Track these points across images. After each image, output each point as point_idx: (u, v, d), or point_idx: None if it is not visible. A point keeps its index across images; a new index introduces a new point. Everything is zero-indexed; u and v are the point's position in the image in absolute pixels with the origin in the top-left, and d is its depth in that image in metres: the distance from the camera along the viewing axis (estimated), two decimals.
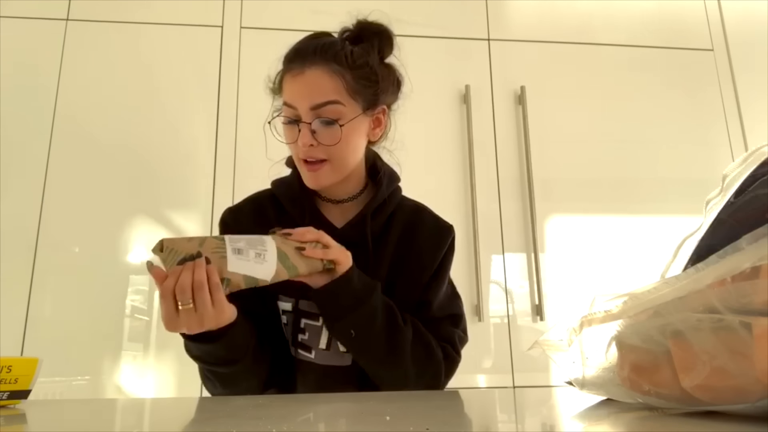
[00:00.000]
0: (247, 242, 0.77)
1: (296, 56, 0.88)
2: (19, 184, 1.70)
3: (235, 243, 0.76)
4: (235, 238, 0.77)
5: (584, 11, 2.07)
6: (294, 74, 0.87)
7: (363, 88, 0.89)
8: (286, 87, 0.88)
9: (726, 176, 0.43)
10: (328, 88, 0.86)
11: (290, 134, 0.88)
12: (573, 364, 0.46)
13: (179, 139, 1.79)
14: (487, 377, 1.73)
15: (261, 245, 0.77)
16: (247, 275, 0.74)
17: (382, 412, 0.46)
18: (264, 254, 0.77)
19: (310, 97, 0.85)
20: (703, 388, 0.31)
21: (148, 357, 1.62)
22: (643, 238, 1.86)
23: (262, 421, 0.42)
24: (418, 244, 0.95)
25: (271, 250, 0.78)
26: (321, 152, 0.87)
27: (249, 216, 0.96)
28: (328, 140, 0.86)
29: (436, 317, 0.92)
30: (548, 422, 0.40)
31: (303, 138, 0.85)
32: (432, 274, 0.94)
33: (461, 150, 1.87)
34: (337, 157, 0.88)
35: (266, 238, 0.79)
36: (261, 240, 0.78)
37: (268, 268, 0.76)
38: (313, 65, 0.86)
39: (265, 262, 0.76)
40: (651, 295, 0.36)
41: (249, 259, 0.76)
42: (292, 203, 0.95)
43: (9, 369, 0.54)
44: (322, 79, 0.86)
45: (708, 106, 2.03)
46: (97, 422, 0.46)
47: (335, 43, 0.89)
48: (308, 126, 0.85)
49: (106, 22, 1.85)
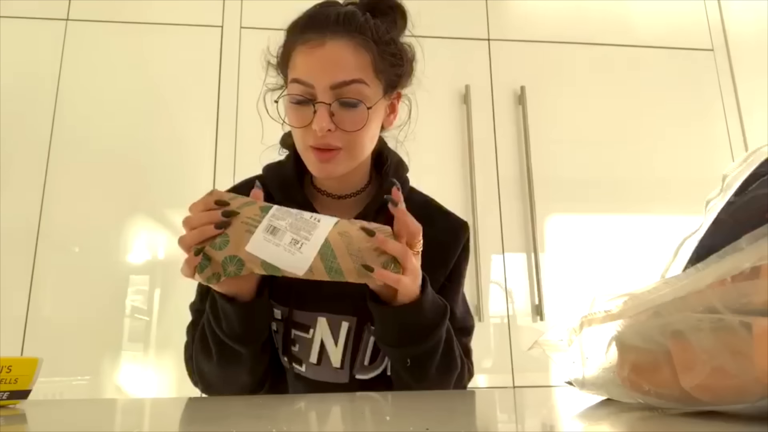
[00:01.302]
0: (291, 223, 0.66)
1: (313, 25, 0.75)
2: (19, 184, 1.70)
3: (276, 220, 0.66)
4: (284, 213, 0.67)
5: (584, 11, 2.07)
6: (312, 46, 0.73)
7: (388, 68, 0.78)
8: (300, 60, 0.75)
9: (726, 176, 0.43)
10: (352, 64, 0.73)
11: (301, 117, 0.75)
12: (573, 364, 0.46)
13: (179, 139, 1.79)
14: (487, 377, 1.73)
15: (307, 231, 0.66)
16: (268, 262, 0.64)
17: (382, 412, 0.46)
18: (303, 243, 0.65)
19: (331, 74, 0.72)
20: (703, 388, 0.31)
21: (148, 357, 1.62)
22: (643, 238, 1.86)
23: (262, 421, 0.42)
24: (429, 243, 0.78)
25: (315, 240, 0.65)
26: (337, 139, 0.74)
27: None
28: (349, 125, 0.74)
29: (455, 328, 0.82)
30: (548, 422, 0.41)
31: (320, 121, 0.72)
32: (447, 275, 0.84)
33: (461, 150, 1.87)
34: (354, 145, 0.76)
35: (324, 224, 0.66)
36: (313, 225, 0.66)
37: (301, 261, 0.64)
38: (335, 36, 0.73)
39: (299, 252, 0.64)
40: (651, 295, 0.36)
41: (279, 244, 0.65)
42: (283, 195, 0.82)
43: (9, 369, 0.54)
44: (346, 54, 0.73)
45: (708, 106, 2.03)
46: (97, 422, 0.46)
47: (357, 13, 0.76)
48: (327, 107, 0.73)
49: (106, 22, 1.85)
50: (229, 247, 0.65)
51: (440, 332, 0.73)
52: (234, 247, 0.65)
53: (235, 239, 0.65)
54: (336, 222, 0.67)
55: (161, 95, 1.81)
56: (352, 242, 0.66)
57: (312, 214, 0.68)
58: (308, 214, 0.68)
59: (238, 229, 0.65)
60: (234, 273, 0.65)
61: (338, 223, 0.67)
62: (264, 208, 0.67)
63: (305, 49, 0.74)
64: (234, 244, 0.65)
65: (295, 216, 0.67)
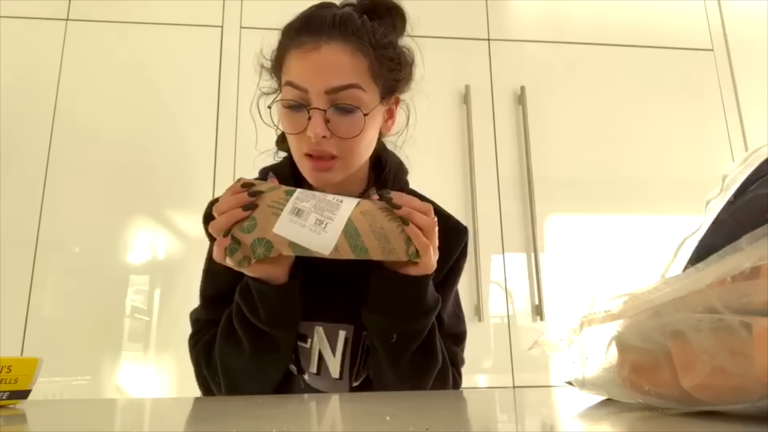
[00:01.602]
0: (315, 204, 0.68)
1: (308, 28, 0.73)
2: (19, 183, 1.70)
3: (301, 202, 0.68)
4: (307, 195, 0.69)
5: (584, 11, 2.07)
6: (306, 50, 0.71)
7: (385, 72, 0.76)
8: (294, 64, 0.73)
9: (726, 176, 0.43)
10: (348, 69, 0.72)
11: (295, 123, 0.73)
12: (573, 364, 0.46)
13: (179, 139, 1.79)
14: (487, 377, 1.73)
15: (330, 212, 0.67)
16: (295, 243, 0.66)
17: (382, 412, 0.46)
18: (327, 223, 0.67)
19: (326, 79, 0.71)
20: (703, 388, 0.31)
21: (148, 357, 1.62)
22: (643, 238, 1.86)
23: (262, 421, 0.42)
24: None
25: (339, 220, 0.67)
26: (332, 146, 0.72)
27: None
28: (344, 132, 0.72)
29: (444, 334, 0.82)
30: (548, 422, 0.41)
31: (315, 127, 0.70)
32: (441, 279, 0.82)
33: (461, 150, 1.87)
34: (350, 153, 0.74)
35: (346, 205, 0.68)
36: (336, 206, 0.68)
37: (327, 241, 0.66)
38: (331, 40, 0.71)
39: (323, 232, 0.66)
40: (651, 295, 0.36)
41: (305, 225, 0.66)
42: None
43: (9, 369, 0.54)
44: (343, 58, 0.72)
45: (708, 106, 2.03)
46: (97, 422, 0.46)
47: (354, 16, 0.74)
48: (322, 113, 0.71)
49: (106, 22, 1.85)
50: (257, 230, 0.66)
51: (430, 319, 0.74)
52: (261, 230, 0.66)
53: (262, 222, 0.66)
54: (358, 202, 0.69)
55: (161, 95, 1.81)
56: (375, 220, 0.67)
57: (335, 196, 0.70)
58: (331, 195, 0.70)
59: (265, 212, 0.67)
60: (263, 255, 0.66)
61: (360, 204, 0.69)
62: (289, 191, 0.69)
63: (300, 53, 0.72)
64: (261, 227, 0.66)
65: (319, 198, 0.68)
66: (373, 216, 0.68)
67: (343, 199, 0.69)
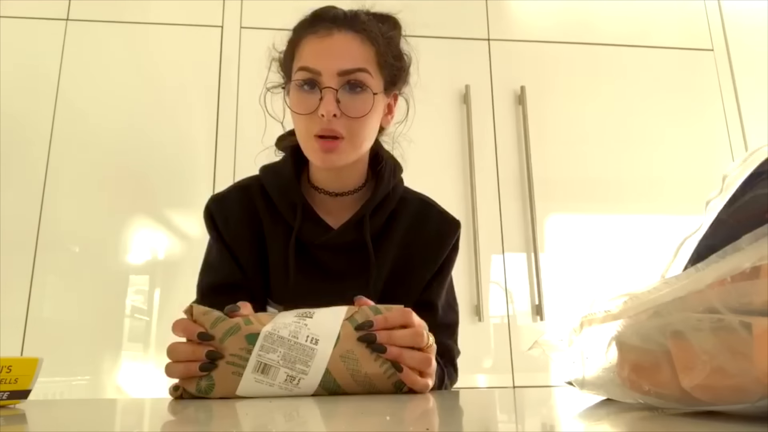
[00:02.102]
0: (285, 354, 0.58)
1: (322, 19, 0.79)
2: (19, 183, 1.70)
3: (267, 353, 0.58)
4: (274, 340, 0.58)
5: (584, 11, 2.07)
6: (321, 36, 0.78)
7: (389, 64, 0.82)
8: (308, 49, 0.78)
9: (726, 176, 0.43)
10: (359, 54, 0.78)
11: (307, 103, 0.77)
12: (573, 364, 0.46)
13: (179, 139, 1.79)
14: (487, 377, 1.73)
15: (303, 363, 0.58)
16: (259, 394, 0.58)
17: (382, 412, 0.46)
18: (300, 379, 0.58)
19: (339, 61, 0.76)
20: (703, 388, 0.31)
21: (148, 357, 1.62)
22: (643, 238, 1.86)
23: (261, 421, 0.42)
24: (423, 241, 0.86)
25: (315, 372, 0.58)
26: (342, 126, 0.76)
27: (235, 205, 0.86)
28: (354, 111, 0.76)
29: (438, 325, 0.83)
30: (548, 422, 0.41)
31: (327, 105, 0.74)
32: (435, 271, 0.87)
33: (461, 150, 1.87)
34: (357, 133, 0.78)
35: (322, 350, 0.58)
36: (310, 353, 0.58)
37: (300, 392, 0.58)
38: (343, 29, 0.78)
39: (296, 388, 0.58)
40: (651, 295, 0.36)
41: (273, 384, 0.57)
42: (281, 196, 0.84)
43: (9, 369, 0.54)
44: (354, 44, 0.78)
45: (708, 106, 2.03)
46: (97, 422, 0.46)
47: (361, 13, 0.82)
48: (334, 92, 0.75)
49: (106, 22, 1.85)
50: (215, 392, 0.60)
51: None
52: (221, 392, 0.59)
53: (222, 384, 0.59)
54: (338, 338, 0.60)
55: (161, 95, 1.81)
56: (359, 368, 0.59)
57: (309, 329, 0.60)
58: (304, 330, 0.59)
59: (224, 371, 0.59)
60: (206, 392, 0.60)
61: (340, 342, 0.60)
62: (250, 338, 0.59)
63: (314, 39, 0.78)
64: (221, 389, 0.59)
65: (289, 342, 0.58)
66: (356, 361, 0.59)
67: (318, 338, 0.59)
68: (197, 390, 0.61)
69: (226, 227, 0.86)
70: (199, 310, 0.63)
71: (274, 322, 0.60)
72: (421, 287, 0.87)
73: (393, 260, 0.86)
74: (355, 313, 0.63)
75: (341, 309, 0.64)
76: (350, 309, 0.64)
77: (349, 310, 0.63)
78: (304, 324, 0.60)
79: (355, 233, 0.84)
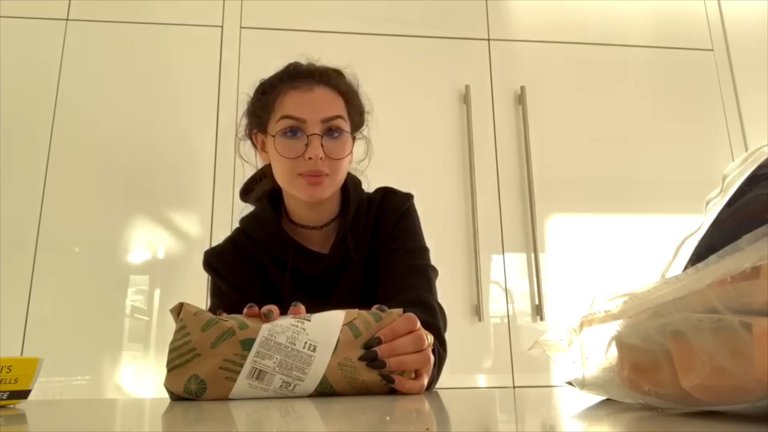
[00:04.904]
0: (281, 361, 0.57)
1: (299, 76, 0.92)
2: (19, 183, 1.70)
3: (262, 360, 0.57)
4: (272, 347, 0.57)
5: (584, 11, 2.07)
6: (303, 90, 0.90)
7: (354, 114, 0.95)
8: (291, 101, 0.90)
9: (726, 176, 0.43)
10: (335, 104, 0.91)
11: (294, 147, 0.88)
12: (573, 364, 0.46)
13: (179, 139, 1.79)
14: (487, 377, 1.73)
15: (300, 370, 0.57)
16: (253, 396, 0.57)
17: (382, 412, 0.46)
18: (296, 385, 0.57)
19: (321, 111, 0.88)
20: (703, 388, 0.31)
21: (148, 357, 1.62)
22: (643, 238, 1.86)
23: (261, 421, 0.42)
24: (383, 223, 0.97)
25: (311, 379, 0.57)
26: (326, 167, 0.88)
27: (234, 256, 0.95)
28: (336, 153, 0.89)
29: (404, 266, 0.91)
30: (548, 422, 0.40)
31: (315, 149, 0.86)
32: (392, 238, 0.95)
33: (461, 150, 1.87)
34: (338, 170, 0.90)
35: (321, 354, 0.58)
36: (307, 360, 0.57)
37: (294, 395, 0.58)
38: (320, 85, 0.91)
39: (291, 394, 0.58)
40: (651, 295, 0.36)
41: (268, 389, 0.57)
42: (271, 243, 0.94)
43: (9, 369, 0.54)
44: (330, 97, 0.91)
45: (708, 106, 2.03)
46: (97, 422, 0.46)
47: (330, 70, 0.95)
48: (319, 138, 0.87)
49: (106, 22, 1.85)
50: (207, 395, 0.58)
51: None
52: (212, 396, 0.58)
53: (214, 388, 0.57)
54: (336, 347, 0.59)
55: (161, 95, 1.81)
56: (356, 375, 0.59)
57: (307, 335, 0.58)
58: (302, 335, 0.58)
59: (217, 376, 0.57)
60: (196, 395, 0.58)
61: (339, 346, 0.59)
62: (245, 343, 0.57)
63: (297, 93, 0.90)
64: (212, 393, 0.57)
65: (286, 348, 0.57)
66: (353, 369, 0.59)
67: (317, 344, 0.58)
68: (186, 391, 0.59)
69: (232, 274, 0.94)
70: (190, 310, 0.62)
71: (271, 325, 0.60)
72: (382, 260, 0.95)
73: (370, 255, 0.96)
74: (354, 319, 0.62)
75: (340, 313, 0.63)
76: (349, 314, 0.63)
77: (347, 315, 0.62)
78: (302, 329, 0.59)
79: (342, 251, 0.94)
